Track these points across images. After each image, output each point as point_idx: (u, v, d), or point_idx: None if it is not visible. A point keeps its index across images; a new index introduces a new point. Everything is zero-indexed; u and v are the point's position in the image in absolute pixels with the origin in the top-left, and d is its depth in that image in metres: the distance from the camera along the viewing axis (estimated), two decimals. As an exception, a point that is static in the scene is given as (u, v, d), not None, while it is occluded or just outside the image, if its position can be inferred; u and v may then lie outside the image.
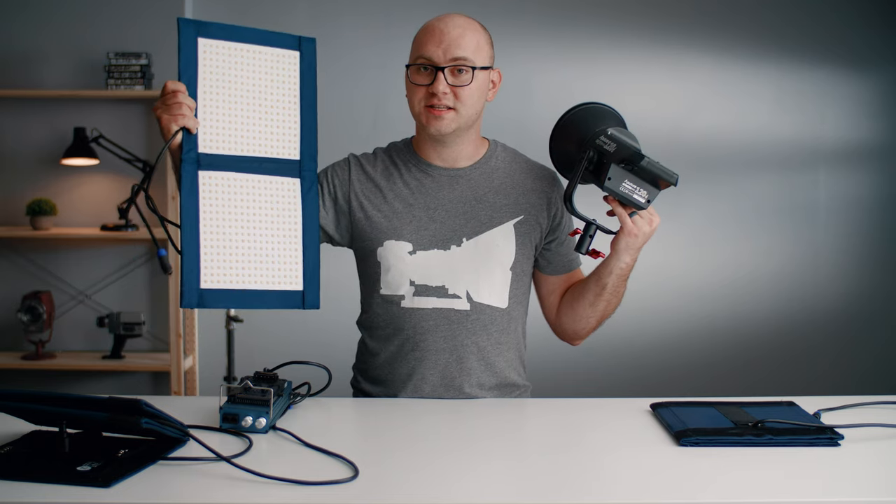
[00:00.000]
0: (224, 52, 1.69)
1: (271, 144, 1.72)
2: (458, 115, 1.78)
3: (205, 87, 1.67)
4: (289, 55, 1.75)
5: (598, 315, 1.86)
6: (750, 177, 3.91)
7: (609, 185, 1.62)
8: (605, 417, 1.69)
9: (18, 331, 3.68)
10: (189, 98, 1.64)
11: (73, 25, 3.68)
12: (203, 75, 1.67)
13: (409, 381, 1.85)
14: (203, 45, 1.67)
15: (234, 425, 1.51)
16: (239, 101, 1.69)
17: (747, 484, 1.32)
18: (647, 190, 1.63)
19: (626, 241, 1.70)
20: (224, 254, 1.65)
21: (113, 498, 1.23)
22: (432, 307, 1.83)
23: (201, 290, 1.62)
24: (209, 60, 1.67)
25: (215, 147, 1.67)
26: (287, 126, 1.73)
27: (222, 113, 1.68)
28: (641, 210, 1.67)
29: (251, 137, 1.70)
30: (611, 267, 1.76)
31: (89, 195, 3.75)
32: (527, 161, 1.94)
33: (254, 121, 1.71)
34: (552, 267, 1.93)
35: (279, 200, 1.71)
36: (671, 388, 3.56)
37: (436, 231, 1.84)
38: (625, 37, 3.83)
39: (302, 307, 1.68)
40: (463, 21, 1.79)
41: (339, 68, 3.79)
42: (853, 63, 3.89)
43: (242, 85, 1.70)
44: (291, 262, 1.69)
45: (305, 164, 1.75)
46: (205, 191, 1.65)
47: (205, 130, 1.67)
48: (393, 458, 1.42)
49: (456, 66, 1.76)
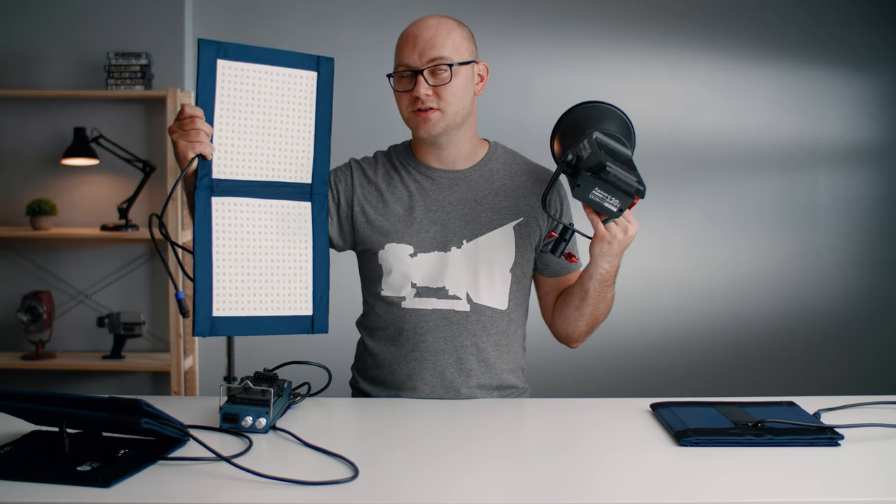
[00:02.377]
0: (242, 75, 1.67)
1: (284, 168, 1.71)
2: (443, 114, 1.79)
3: (222, 111, 1.66)
4: (306, 76, 1.73)
5: (587, 319, 1.85)
6: (750, 177, 3.91)
7: (578, 192, 1.59)
8: (605, 417, 1.69)
9: (18, 331, 3.68)
10: (206, 124, 1.63)
11: (73, 25, 3.68)
12: (221, 99, 1.66)
13: (408, 381, 1.85)
14: (222, 68, 1.66)
15: (234, 425, 1.51)
16: (255, 125, 1.68)
17: (747, 484, 1.32)
18: (618, 199, 1.59)
19: (599, 248, 1.69)
20: (236, 281, 1.64)
21: (113, 498, 1.23)
22: (432, 308, 1.83)
23: (213, 318, 1.62)
24: (227, 83, 1.66)
25: (229, 172, 1.67)
26: (301, 149, 1.73)
27: (238, 137, 1.67)
28: (616, 218, 1.64)
29: (265, 161, 1.69)
30: (590, 272, 1.76)
31: (89, 195, 3.75)
32: (527, 163, 1.94)
33: (268, 144, 1.70)
34: (549, 269, 1.92)
35: (290, 225, 1.71)
36: (671, 388, 3.57)
37: (436, 233, 1.84)
38: (625, 37, 3.83)
39: (311, 332, 1.69)
40: (435, 21, 1.80)
41: (338, 69, 3.75)
42: (853, 63, 3.89)
43: (259, 108, 1.69)
44: (301, 286, 1.69)
45: (317, 187, 1.75)
46: (218, 218, 1.65)
47: (219, 155, 1.66)
48: (393, 458, 1.42)
49: (434, 67, 1.76)
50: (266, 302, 1.66)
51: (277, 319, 1.67)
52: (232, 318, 1.63)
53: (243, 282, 1.65)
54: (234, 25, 3.78)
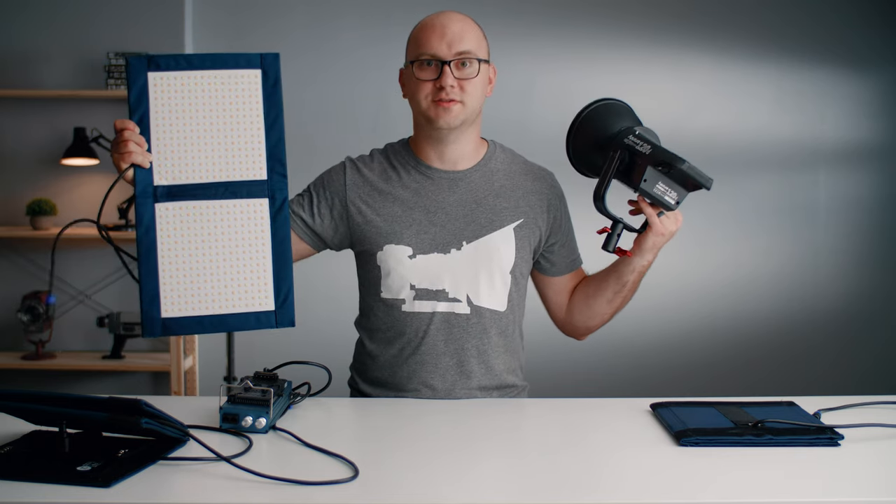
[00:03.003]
0: (176, 83, 1.67)
1: (235, 167, 1.70)
2: (464, 107, 1.79)
3: (157, 121, 1.66)
4: (249, 74, 1.70)
5: (614, 309, 1.90)
6: (750, 177, 3.91)
7: (644, 186, 1.65)
8: (605, 417, 1.69)
9: (18, 331, 3.68)
10: (137, 136, 1.64)
11: (73, 25, 3.68)
12: (155, 108, 1.66)
13: (409, 383, 1.85)
14: (153, 79, 1.66)
15: (234, 425, 1.51)
16: (196, 129, 1.68)
17: (747, 484, 1.32)
18: (677, 192, 1.66)
19: (653, 240, 1.75)
20: (184, 282, 1.64)
21: (113, 498, 1.23)
22: (433, 311, 1.83)
23: (163, 320, 1.62)
24: (160, 93, 1.66)
25: (173, 178, 1.67)
26: (251, 146, 1.70)
27: (179, 143, 1.67)
28: (669, 210, 1.69)
29: (212, 163, 1.69)
30: (633, 265, 1.80)
31: (89, 195, 3.75)
32: (525, 162, 1.94)
33: (214, 146, 1.69)
34: (556, 268, 1.92)
35: (245, 222, 1.69)
36: (671, 388, 3.56)
37: (436, 234, 1.84)
38: (625, 37, 3.83)
39: (275, 326, 1.66)
40: (461, 16, 1.82)
41: (339, 69, 3.79)
42: (853, 63, 3.89)
43: (198, 112, 1.68)
44: (260, 283, 1.67)
45: (275, 181, 1.71)
46: (162, 223, 1.65)
47: (161, 162, 1.66)
48: (393, 458, 1.42)
49: (461, 60, 1.77)
50: (220, 300, 1.65)
51: (236, 317, 1.65)
52: (184, 319, 1.63)
53: (193, 282, 1.65)
54: (233, 25, 3.78)
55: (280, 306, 1.67)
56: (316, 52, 3.78)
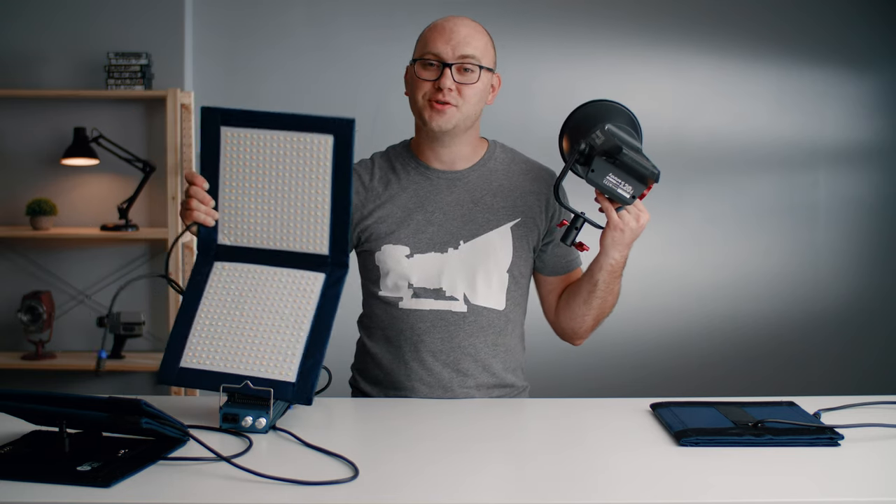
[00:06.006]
0: (247, 141, 1.64)
1: (298, 237, 1.66)
2: (459, 112, 1.79)
3: (227, 178, 1.65)
4: (320, 139, 1.64)
5: (594, 313, 1.86)
6: (750, 177, 3.91)
7: (592, 176, 1.61)
8: (605, 417, 1.69)
9: (18, 331, 3.68)
10: (204, 194, 1.64)
11: (73, 25, 3.68)
12: (225, 165, 1.64)
13: (406, 382, 1.85)
14: (226, 134, 1.63)
15: (234, 425, 1.51)
16: (265, 192, 1.65)
17: (747, 484, 1.32)
18: (632, 185, 1.62)
19: (612, 236, 1.70)
20: (214, 337, 1.60)
21: (113, 498, 1.23)
22: (429, 309, 1.83)
23: (180, 369, 1.58)
24: (232, 150, 1.64)
25: (237, 239, 1.66)
26: (316, 217, 1.65)
27: (246, 204, 1.65)
28: (628, 205, 1.66)
29: (277, 229, 1.65)
30: (600, 263, 1.76)
31: (89, 195, 3.75)
32: (526, 161, 1.94)
33: (280, 212, 1.65)
34: (549, 268, 1.92)
35: (294, 292, 1.64)
36: (671, 388, 3.56)
37: (433, 234, 1.84)
38: (625, 37, 3.83)
39: (290, 400, 1.55)
40: (471, 22, 1.84)
41: (338, 69, 3.79)
42: (853, 63, 3.89)
43: (268, 175, 1.64)
44: (288, 353, 1.58)
45: (334, 257, 1.65)
46: (214, 279, 1.64)
47: (226, 221, 1.65)
48: (393, 458, 1.42)
49: (463, 65, 1.78)
50: (244, 362, 1.58)
51: (254, 380, 1.55)
52: (202, 372, 1.57)
53: (222, 339, 1.60)
54: (233, 25, 3.78)
55: (301, 381, 1.56)
56: (316, 52, 3.78)
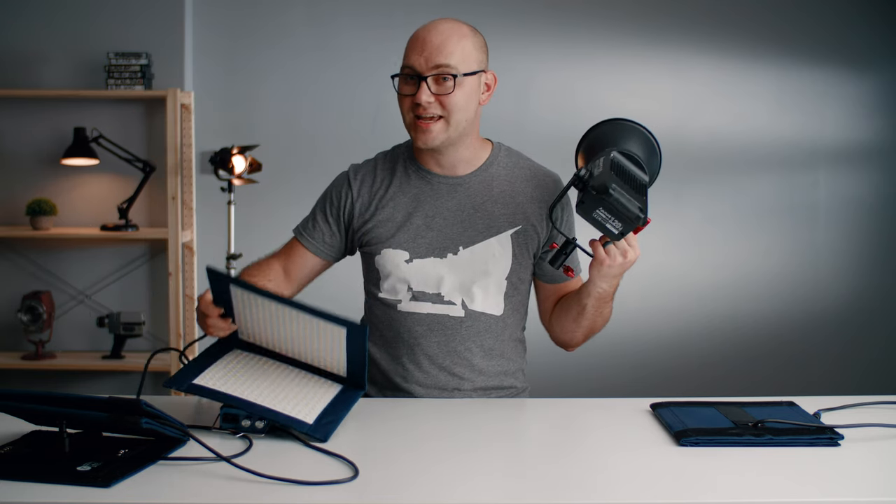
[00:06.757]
0: (258, 301, 1.60)
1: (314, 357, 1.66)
2: (446, 124, 1.75)
3: (241, 323, 1.67)
4: (333, 328, 1.57)
5: (583, 331, 1.85)
6: (750, 177, 3.91)
7: (581, 209, 1.57)
8: (605, 417, 1.69)
9: (18, 331, 3.68)
10: (218, 320, 1.66)
11: (73, 25, 3.68)
12: (237, 309, 1.65)
13: (403, 384, 1.85)
14: (236, 292, 1.61)
15: (234, 425, 1.51)
16: (278, 347, 1.67)
17: (747, 484, 1.32)
18: (621, 222, 1.56)
19: (598, 269, 1.67)
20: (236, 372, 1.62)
21: (113, 498, 1.23)
22: (427, 312, 1.83)
23: (192, 384, 1.55)
24: (242, 304, 1.62)
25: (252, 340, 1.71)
26: (332, 353, 1.62)
27: (262, 338, 1.68)
28: (615, 239, 1.60)
29: (297, 346, 1.66)
30: (588, 290, 1.74)
31: (89, 195, 3.75)
32: (530, 166, 1.91)
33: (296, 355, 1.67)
34: (548, 276, 1.91)
35: (322, 354, 1.64)
36: (671, 388, 3.56)
37: (433, 239, 1.83)
38: (625, 37, 3.83)
39: (305, 431, 1.48)
40: (447, 27, 1.75)
41: (338, 69, 3.78)
42: (853, 63, 3.89)
43: (281, 339, 1.66)
44: (313, 402, 1.56)
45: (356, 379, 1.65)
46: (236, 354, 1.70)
47: (243, 331, 1.70)
48: (393, 458, 1.42)
49: (440, 75, 1.73)
50: (259, 394, 1.55)
51: (268, 410, 1.50)
52: (211, 390, 1.54)
53: (243, 377, 1.61)
54: (233, 25, 3.77)
55: (318, 423, 1.51)
56: (316, 52, 3.78)
